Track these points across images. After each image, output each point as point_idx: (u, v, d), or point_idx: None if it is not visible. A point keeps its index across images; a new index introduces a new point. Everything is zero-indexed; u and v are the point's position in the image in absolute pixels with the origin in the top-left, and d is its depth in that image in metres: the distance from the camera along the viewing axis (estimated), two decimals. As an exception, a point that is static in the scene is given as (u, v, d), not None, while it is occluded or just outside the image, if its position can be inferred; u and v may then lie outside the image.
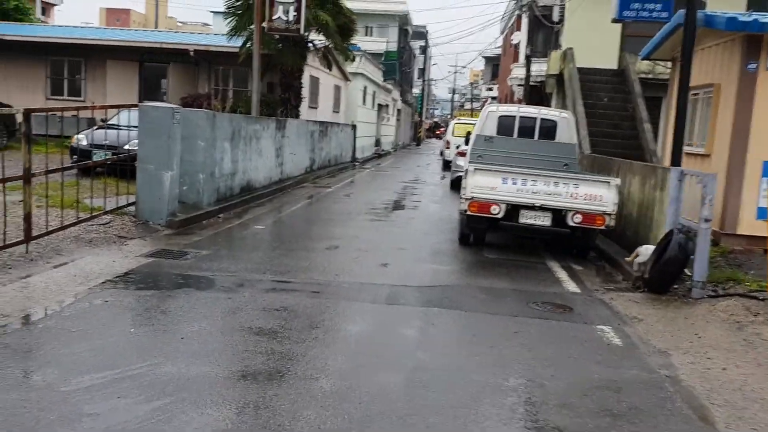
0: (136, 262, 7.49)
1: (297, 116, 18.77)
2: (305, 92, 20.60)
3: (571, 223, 8.78)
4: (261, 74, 18.70)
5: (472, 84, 74.23)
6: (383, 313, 6.24)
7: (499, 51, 59.19)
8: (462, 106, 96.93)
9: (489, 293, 7.16)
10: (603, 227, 8.84)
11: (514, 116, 11.80)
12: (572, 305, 6.89)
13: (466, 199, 8.90)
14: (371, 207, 13.82)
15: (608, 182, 8.89)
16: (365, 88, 31.62)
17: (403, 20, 53.43)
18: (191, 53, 19.63)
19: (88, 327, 5.26)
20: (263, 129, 14.48)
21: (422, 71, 69.74)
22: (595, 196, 8.74)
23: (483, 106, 61.36)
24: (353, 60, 28.85)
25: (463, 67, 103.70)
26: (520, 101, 27.82)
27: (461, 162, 18.48)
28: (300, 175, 18.13)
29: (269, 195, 14.48)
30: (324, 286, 6.95)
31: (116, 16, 75.99)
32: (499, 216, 8.86)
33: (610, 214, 8.73)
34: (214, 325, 5.53)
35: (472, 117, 42.42)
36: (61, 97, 20.62)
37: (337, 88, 26.95)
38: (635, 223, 9.65)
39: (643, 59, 13.86)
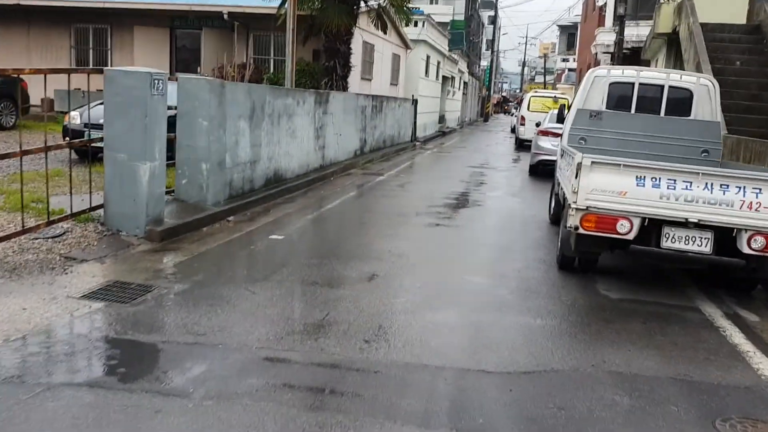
0: (54, 313, 4.76)
1: (345, 88, 15.83)
2: (356, 60, 17.61)
3: (746, 250, 5.50)
4: (304, 39, 15.87)
5: (544, 56, 69.32)
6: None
7: (576, 18, 54.42)
8: (533, 79, 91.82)
9: (633, 392, 4.03)
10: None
11: (632, 83, 8.47)
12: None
13: (578, 209, 5.74)
14: (430, 203, 10.77)
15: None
16: (428, 57, 28.34)
17: (471, -14, 49.51)
18: (225, 16, 16.93)
19: None
20: (297, 104, 11.60)
21: (491, 42, 65.44)
22: (786, 206, 5.44)
23: (556, 79, 56.83)
24: (414, 24, 25.66)
25: (534, 37, 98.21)
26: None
27: (545, 143, 15.19)
28: (347, 160, 15.22)
29: (304, 186, 11.64)
30: (339, 374, 4.01)
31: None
32: (630, 237, 5.68)
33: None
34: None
35: (545, 89, 38.40)
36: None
37: (396, 57, 23.82)
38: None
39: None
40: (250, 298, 5.38)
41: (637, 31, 23.11)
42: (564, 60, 56.62)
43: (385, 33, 17.44)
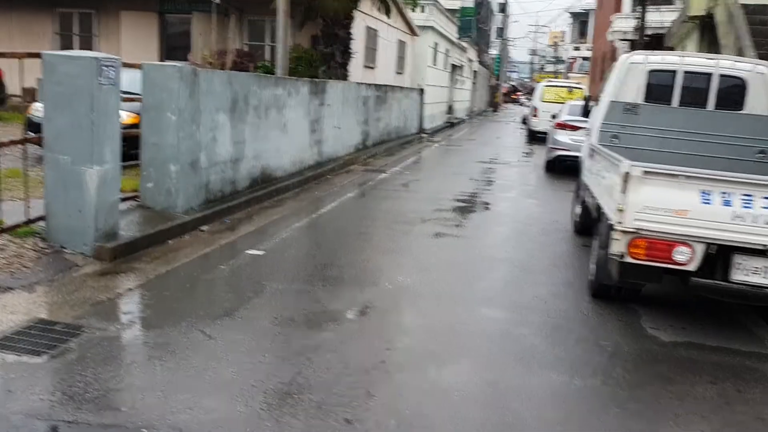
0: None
1: (345, 77, 14.59)
2: (358, 47, 16.35)
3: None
4: (301, 24, 14.63)
5: (555, 44, 67.62)
6: None
7: (589, 5, 52.76)
8: (542, 68, 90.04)
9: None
10: None
11: (674, 71, 7.20)
12: None
13: (624, 231, 4.51)
14: (436, 206, 9.56)
15: None
16: (436, 44, 26.99)
17: (480, -28, 47.93)
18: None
19: None
20: (289, 94, 10.38)
21: (501, 30, 63.76)
22: None
23: (568, 68, 55.19)
24: (422, 9, 24.32)
25: (544, 26, 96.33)
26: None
27: (563, 137, 13.92)
28: (347, 155, 14.00)
29: (297, 186, 10.45)
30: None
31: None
32: (691, 267, 4.45)
33: None
34: None
35: (558, 79, 36.60)
36: (72, 57, 17.22)
37: (402, 45, 22.52)
38: None
39: None
40: (203, 345, 4.19)
41: (659, 17, 21.71)
42: (576, 48, 54.98)
43: (389, 17, 16.17)
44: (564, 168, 14.29)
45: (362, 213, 9.01)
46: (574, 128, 13.94)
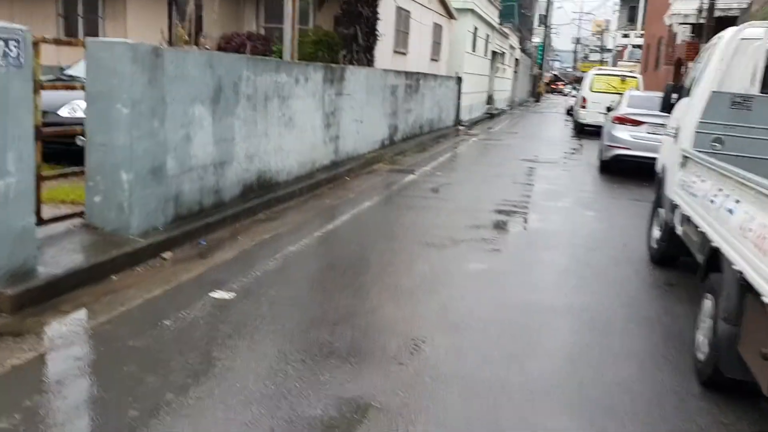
0: None
1: (369, 63, 12.77)
2: (386, 29, 14.50)
3: None
4: (320, 2, 12.84)
5: (601, 32, 64.43)
6: None
7: (639, -11, 49.66)
8: (586, 57, 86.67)
9: None
10: None
11: (805, 49, 5.19)
12: None
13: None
14: (473, 221, 7.71)
15: None
16: (476, 29, 24.90)
17: (523, -45, 45.36)
18: (228, -25, 13.99)
19: None
20: (296, 82, 8.62)
21: (543, 17, 60.91)
22: None
23: (617, 57, 52.12)
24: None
25: (588, 13, 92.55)
26: (693, 46, 20.15)
27: (623, 134, 11.87)
28: (370, 152, 12.20)
29: (305, 192, 8.71)
30: None
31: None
32: None
33: None
34: None
35: (603, 67, 33.64)
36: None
37: (438, 28, 20.56)
38: None
39: None
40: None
41: (728, -4, 19.25)
42: (625, 35, 51.93)
43: (422, -5, 14.31)
44: (623, 169, 12.28)
45: (379, 230, 7.20)
46: (636, 123, 11.91)
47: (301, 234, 6.73)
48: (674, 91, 6.86)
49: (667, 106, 6.78)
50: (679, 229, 5.21)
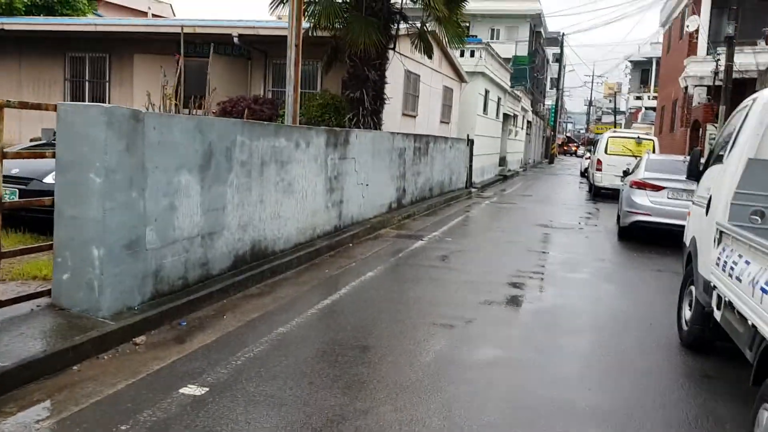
0: None
1: (377, 126, 12.42)
2: (394, 92, 14.23)
3: None
4: (326, 65, 12.64)
5: (614, 94, 64.74)
6: None
7: (650, 53, 50.09)
8: (599, 119, 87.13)
9: None
10: None
11: None
12: None
13: None
14: (483, 295, 7.08)
15: None
16: (487, 92, 24.78)
17: (535, 20, 45.95)
18: (235, 39, 13.89)
19: None
20: (297, 146, 8.20)
21: (556, 80, 61.44)
22: None
23: (631, 118, 52.16)
24: (471, 54, 22.25)
25: (600, 76, 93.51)
26: (710, 108, 19.79)
27: (642, 199, 11.27)
28: (377, 217, 11.70)
29: (303, 262, 8.15)
30: None
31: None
32: None
33: None
34: None
35: (616, 129, 33.07)
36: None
37: (448, 91, 20.39)
38: None
39: None
40: None
41: (743, 59, 19.00)
42: (638, 98, 52.03)
43: (430, 58, 14.06)
44: (643, 235, 11.66)
45: (380, 307, 6.58)
46: (657, 188, 11.34)
47: (294, 311, 6.13)
48: (699, 157, 6.32)
49: (695, 173, 6.22)
50: (717, 314, 4.55)
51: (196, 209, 6.13)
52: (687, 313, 5.66)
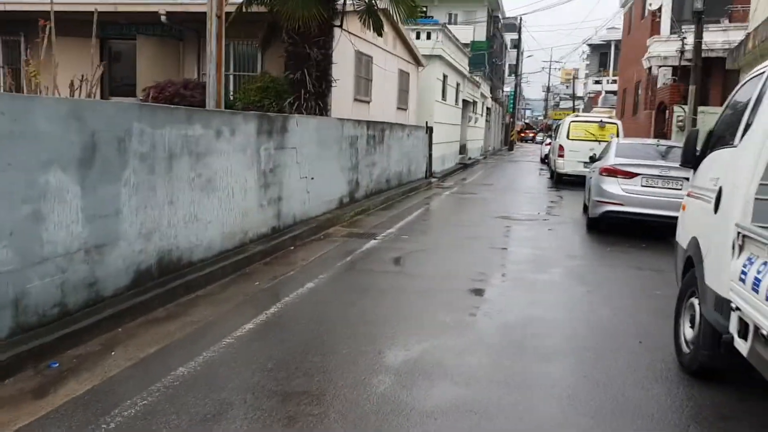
0: None
1: (323, 111, 11.16)
2: (344, 74, 12.97)
3: None
4: (262, 43, 11.34)
5: (573, 79, 64.40)
6: None
7: (608, 36, 49.72)
8: (557, 105, 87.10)
9: None
10: None
11: None
12: None
13: None
14: (442, 309, 5.95)
15: None
16: (445, 77, 23.67)
17: (493, 5, 45.01)
18: (163, 18, 12.43)
19: None
20: (218, 135, 6.91)
21: (514, 67, 60.76)
22: None
23: (590, 103, 51.71)
24: (428, 36, 21.09)
25: (558, 61, 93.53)
26: (677, 89, 19.03)
27: (613, 187, 10.25)
28: (325, 214, 10.47)
29: (229, 273, 6.89)
30: None
31: None
32: None
33: None
34: None
35: (579, 114, 32.12)
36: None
37: (404, 76, 19.20)
38: None
39: None
40: None
41: (708, 37, 18.25)
42: (596, 82, 51.66)
43: (380, 35, 12.79)
44: (614, 226, 10.72)
45: (315, 331, 5.36)
46: (629, 175, 10.37)
47: (204, 342, 4.89)
48: (696, 137, 5.25)
49: (691, 159, 5.16)
50: (741, 344, 3.49)
51: (75, 217, 4.82)
52: (688, 332, 4.61)
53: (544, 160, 31.27)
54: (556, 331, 5.54)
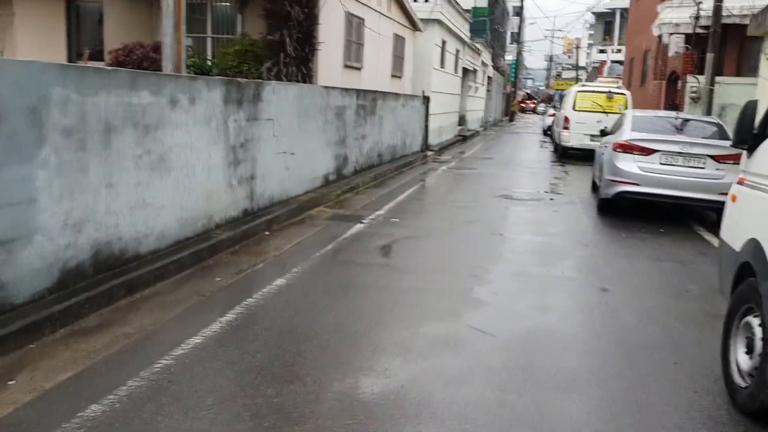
0: None
1: (305, 78, 10.05)
2: (333, 38, 11.81)
3: None
4: (240, 2, 10.16)
5: (576, 48, 62.74)
6: None
7: (613, 5, 48.10)
8: (559, 75, 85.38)
9: None
10: None
11: None
12: None
13: None
14: (433, 317, 4.97)
15: None
16: (444, 43, 22.39)
17: (495, -32, 43.30)
18: (132, -28, 11.21)
19: None
20: (173, 104, 5.84)
21: (516, 35, 59.03)
22: None
23: (595, 72, 50.20)
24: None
25: (560, 30, 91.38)
26: (691, 57, 17.85)
27: (630, 165, 9.16)
28: (308, 193, 9.45)
29: (188, 265, 5.89)
30: None
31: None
32: None
33: None
34: None
35: (586, 83, 30.54)
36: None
37: (399, 41, 17.97)
38: None
39: None
40: None
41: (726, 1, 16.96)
42: (601, 51, 50.12)
43: (374, -4, 11.68)
44: (626, 207, 9.73)
45: (279, 348, 4.37)
46: (647, 152, 9.33)
47: (137, 362, 3.90)
48: (751, 111, 4.20)
49: (747, 137, 4.12)
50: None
51: (-33, 207, 3.79)
52: (743, 361, 3.63)
53: (547, 132, 30.12)
54: (572, 348, 4.56)
